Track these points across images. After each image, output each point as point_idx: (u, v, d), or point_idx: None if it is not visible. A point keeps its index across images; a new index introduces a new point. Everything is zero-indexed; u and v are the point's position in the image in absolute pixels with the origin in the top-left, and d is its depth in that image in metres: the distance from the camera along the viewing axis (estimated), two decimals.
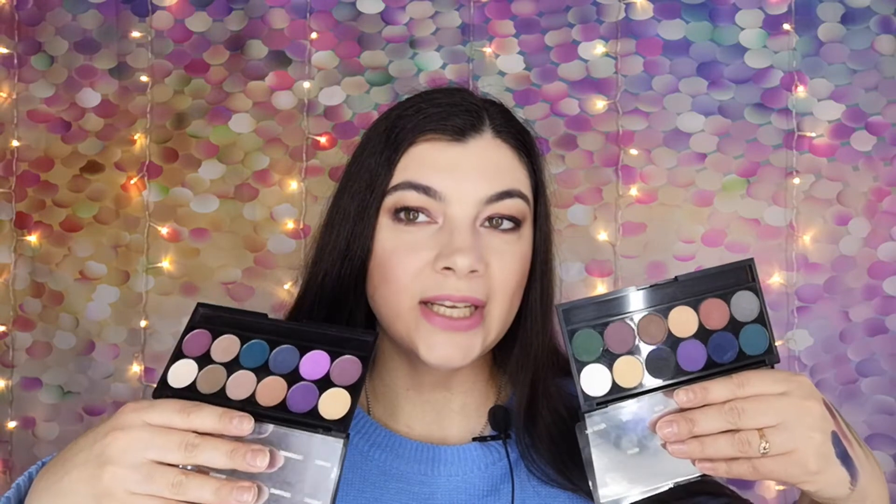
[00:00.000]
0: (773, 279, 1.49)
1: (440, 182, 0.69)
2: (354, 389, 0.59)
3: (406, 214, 0.69)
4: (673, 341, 0.62)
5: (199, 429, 0.55)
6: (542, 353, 0.74)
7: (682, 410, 0.59)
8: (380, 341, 0.77)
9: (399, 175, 0.70)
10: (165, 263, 1.57)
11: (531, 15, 1.56)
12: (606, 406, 0.60)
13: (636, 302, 0.63)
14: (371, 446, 0.74)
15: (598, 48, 1.54)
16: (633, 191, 1.52)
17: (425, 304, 0.68)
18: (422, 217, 0.69)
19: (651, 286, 0.63)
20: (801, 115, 1.50)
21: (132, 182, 1.58)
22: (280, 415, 0.58)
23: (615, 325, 0.62)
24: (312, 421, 0.58)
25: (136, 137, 1.58)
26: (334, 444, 0.56)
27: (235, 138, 1.58)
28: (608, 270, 1.52)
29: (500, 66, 1.55)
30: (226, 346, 0.62)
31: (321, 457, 0.56)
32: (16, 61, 1.60)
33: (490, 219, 0.70)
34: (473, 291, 0.67)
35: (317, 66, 1.58)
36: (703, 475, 0.58)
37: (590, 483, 0.59)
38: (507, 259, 0.69)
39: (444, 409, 0.76)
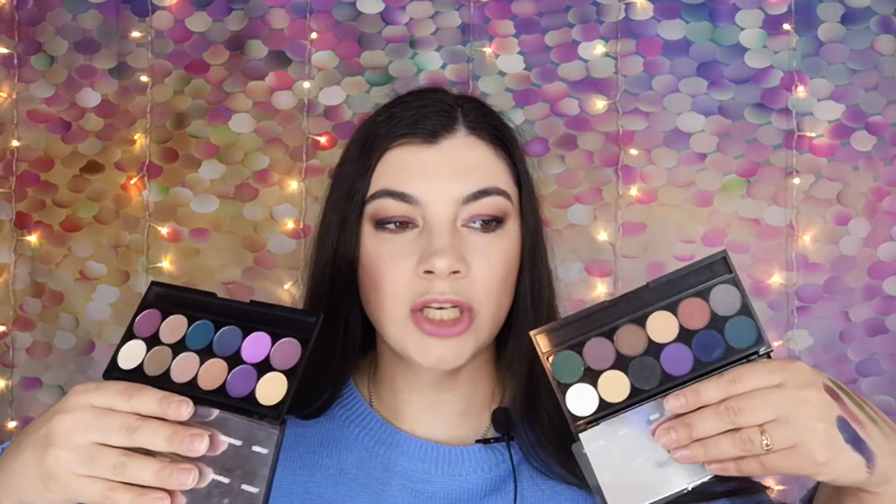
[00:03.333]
0: (773, 279, 1.49)
1: (415, 186, 0.69)
2: (292, 374, 0.58)
3: (391, 225, 0.70)
4: (655, 348, 0.60)
5: (140, 412, 0.55)
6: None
7: (679, 416, 0.57)
8: (380, 345, 0.78)
9: (376, 183, 0.71)
10: (165, 263, 1.57)
11: (531, 15, 1.56)
12: (598, 423, 0.59)
13: (610, 315, 0.61)
14: (376, 442, 0.75)
15: (598, 48, 1.54)
16: (633, 191, 1.52)
17: (416, 311, 0.68)
18: (403, 223, 0.70)
19: (623, 296, 0.61)
20: (801, 115, 1.50)
21: (132, 182, 1.58)
22: (220, 399, 0.58)
23: (592, 342, 0.61)
24: (249, 407, 0.57)
25: (136, 137, 1.58)
26: (270, 431, 0.56)
27: (235, 138, 1.58)
28: (608, 270, 1.52)
29: (500, 66, 1.55)
30: (174, 326, 0.62)
31: (258, 443, 0.56)
32: (16, 61, 1.60)
33: (473, 219, 0.70)
34: (458, 294, 0.67)
35: (317, 66, 1.58)
36: (715, 476, 0.57)
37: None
38: (491, 258, 0.69)
39: (447, 411, 0.76)
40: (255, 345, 0.60)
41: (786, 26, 1.51)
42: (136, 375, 0.60)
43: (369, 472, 0.73)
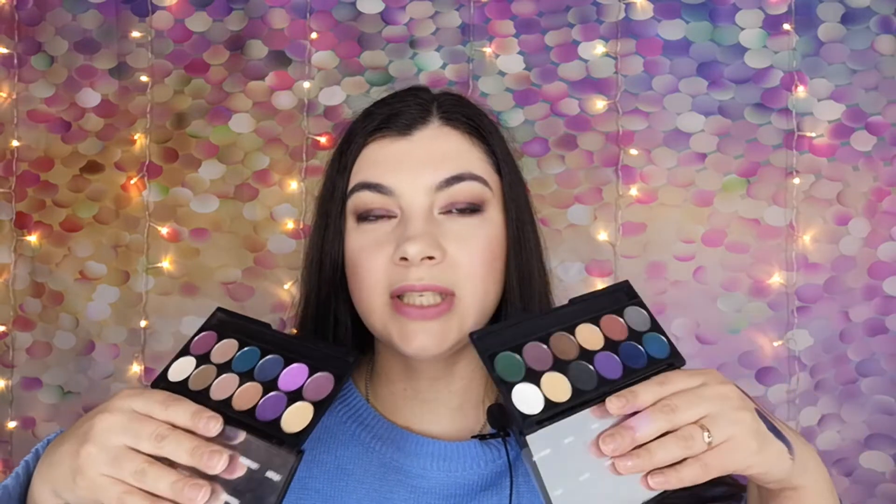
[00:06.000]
0: (773, 279, 1.49)
1: (389, 177, 0.71)
2: (320, 406, 0.59)
3: (367, 214, 0.72)
4: (587, 355, 0.63)
5: (174, 422, 0.57)
6: None
7: (617, 425, 0.58)
8: (377, 342, 0.79)
9: (354, 178, 0.73)
10: (165, 263, 1.57)
11: (531, 15, 1.56)
12: (546, 424, 0.59)
13: (542, 324, 0.64)
14: (373, 438, 0.75)
15: (598, 48, 1.54)
16: (633, 191, 1.52)
17: (396, 297, 0.69)
18: (382, 214, 0.71)
19: (551, 310, 0.66)
20: (801, 115, 1.50)
21: (132, 182, 1.58)
22: (247, 420, 0.59)
23: (530, 346, 0.63)
24: (272, 431, 0.58)
25: (136, 137, 1.58)
26: (286, 458, 0.57)
27: (235, 138, 1.58)
28: (608, 270, 1.52)
29: (500, 66, 1.55)
30: (225, 349, 0.65)
31: (273, 468, 0.56)
32: (16, 61, 1.60)
33: (449, 207, 0.71)
34: (435, 279, 0.68)
35: (317, 66, 1.58)
36: (661, 492, 0.57)
37: None
38: (471, 243, 0.70)
39: (443, 407, 0.76)
40: (293, 375, 0.62)
41: (786, 26, 1.51)
42: (180, 388, 0.63)
43: (366, 468, 0.73)
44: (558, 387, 0.61)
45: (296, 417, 0.59)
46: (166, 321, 1.57)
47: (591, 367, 0.62)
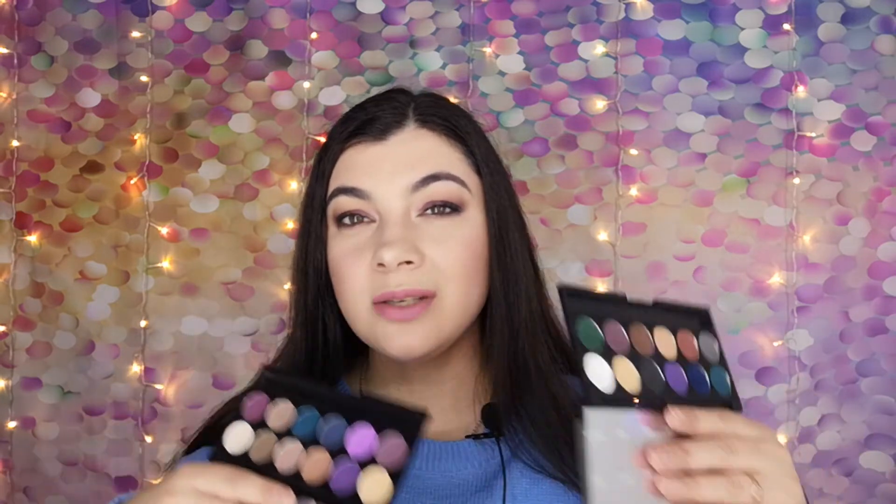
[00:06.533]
0: (773, 279, 1.49)
1: (366, 181, 0.71)
2: (398, 476, 0.57)
3: (347, 219, 0.72)
4: (659, 358, 0.60)
5: (243, 499, 0.55)
6: (516, 340, 0.73)
7: (673, 440, 0.56)
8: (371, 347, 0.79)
9: (332, 184, 0.73)
10: (165, 263, 1.57)
11: (531, 15, 1.56)
12: (609, 406, 0.56)
13: (625, 311, 0.61)
14: None
15: (598, 48, 1.54)
16: (633, 191, 1.52)
17: (377, 303, 0.69)
18: (361, 215, 0.71)
19: (634, 300, 0.62)
20: (801, 115, 1.50)
21: (132, 182, 1.58)
22: (323, 493, 0.57)
23: (611, 324, 0.60)
24: None
25: (136, 137, 1.58)
26: None
27: (235, 138, 1.58)
28: (608, 270, 1.52)
29: (500, 66, 1.55)
30: (280, 412, 0.63)
31: None
32: (16, 61, 1.60)
33: (426, 207, 0.70)
34: (415, 283, 0.68)
35: (317, 66, 1.58)
36: None
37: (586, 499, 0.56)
38: (449, 243, 0.69)
39: (436, 406, 0.76)
40: (360, 437, 0.60)
41: (786, 26, 1.51)
42: (242, 461, 0.60)
43: None
44: (629, 375, 0.58)
45: (374, 489, 0.57)
46: (166, 321, 1.57)
47: (661, 371, 0.59)
